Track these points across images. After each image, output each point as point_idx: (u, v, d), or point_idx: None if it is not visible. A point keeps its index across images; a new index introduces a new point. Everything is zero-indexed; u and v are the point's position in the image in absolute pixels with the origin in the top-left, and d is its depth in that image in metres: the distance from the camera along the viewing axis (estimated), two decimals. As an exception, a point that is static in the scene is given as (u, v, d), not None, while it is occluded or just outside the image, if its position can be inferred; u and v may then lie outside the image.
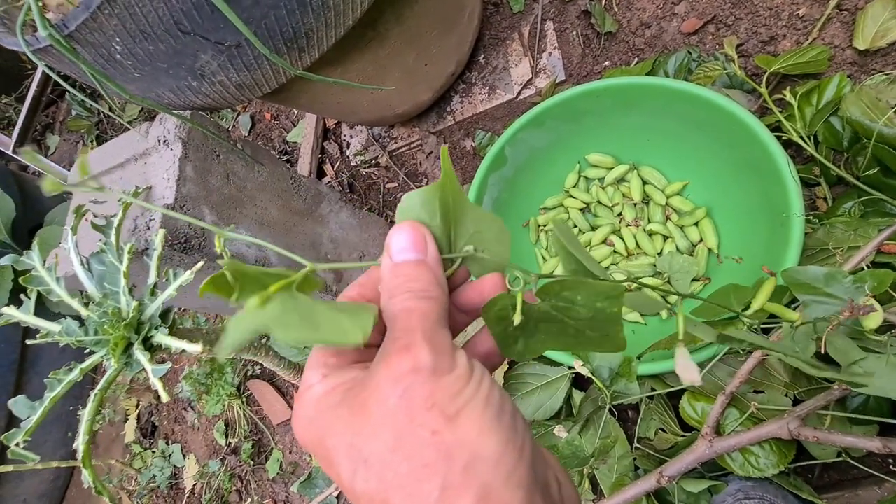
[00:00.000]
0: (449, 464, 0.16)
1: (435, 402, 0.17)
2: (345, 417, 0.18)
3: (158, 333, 0.40)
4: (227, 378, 1.02)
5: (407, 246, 0.21)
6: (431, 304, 0.20)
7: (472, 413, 0.17)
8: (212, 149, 0.57)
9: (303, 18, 0.47)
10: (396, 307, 0.20)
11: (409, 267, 0.21)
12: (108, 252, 0.43)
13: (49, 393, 0.37)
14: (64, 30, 0.43)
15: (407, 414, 0.17)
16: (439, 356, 0.18)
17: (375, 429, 0.17)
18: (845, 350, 0.38)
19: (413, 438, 0.16)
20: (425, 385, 0.17)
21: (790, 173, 0.53)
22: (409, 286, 0.20)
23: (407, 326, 0.19)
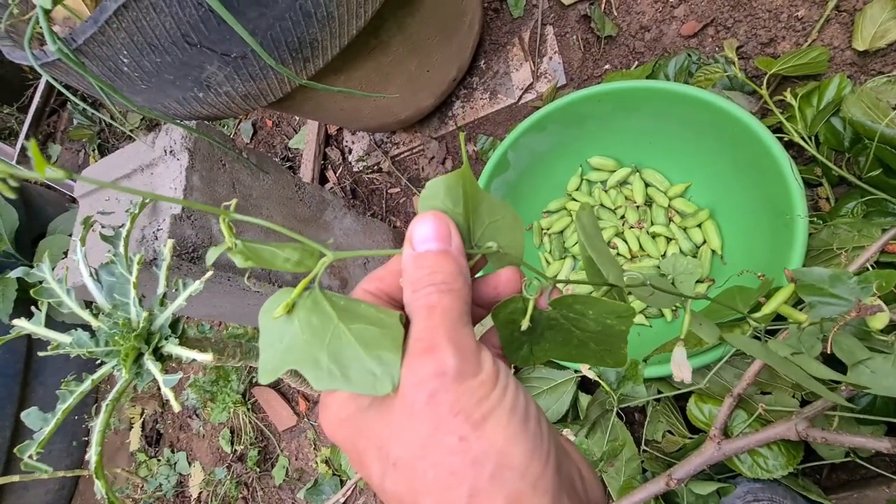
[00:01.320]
0: (476, 471, 0.16)
1: (461, 408, 0.17)
2: (374, 420, 0.18)
3: (169, 343, 0.41)
4: (232, 385, 1.02)
5: (430, 235, 0.20)
6: (454, 299, 0.19)
7: (499, 419, 0.17)
8: (217, 158, 0.57)
9: (308, 29, 0.47)
10: (419, 302, 0.19)
11: (432, 257, 0.20)
12: (117, 263, 0.43)
13: (61, 404, 0.38)
14: (72, 43, 0.43)
15: (432, 420, 0.17)
16: (464, 359, 0.18)
17: (402, 434, 0.17)
18: (851, 350, 0.38)
19: (439, 445, 0.16)
20: (450, 390, 0.17)
21: (793, 175, 0.53)
22: (432, 278, 0.19)
23: (429, 325, 0.18)
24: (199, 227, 0.52)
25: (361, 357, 0.17)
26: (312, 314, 0.18)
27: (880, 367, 0.36)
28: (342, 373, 0.17)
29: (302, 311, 0.18)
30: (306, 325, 0.18)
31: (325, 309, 0.18)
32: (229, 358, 0.50)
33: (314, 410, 0.99)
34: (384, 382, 0.17)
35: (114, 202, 0.58)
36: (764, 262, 0.59)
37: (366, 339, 0.18)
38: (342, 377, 0.16)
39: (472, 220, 0.22)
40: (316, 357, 0.17)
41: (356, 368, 0.17)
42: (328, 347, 0.17)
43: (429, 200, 0.21)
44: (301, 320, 0.18)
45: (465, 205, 0.21)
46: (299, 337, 0.17)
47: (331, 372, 0.17)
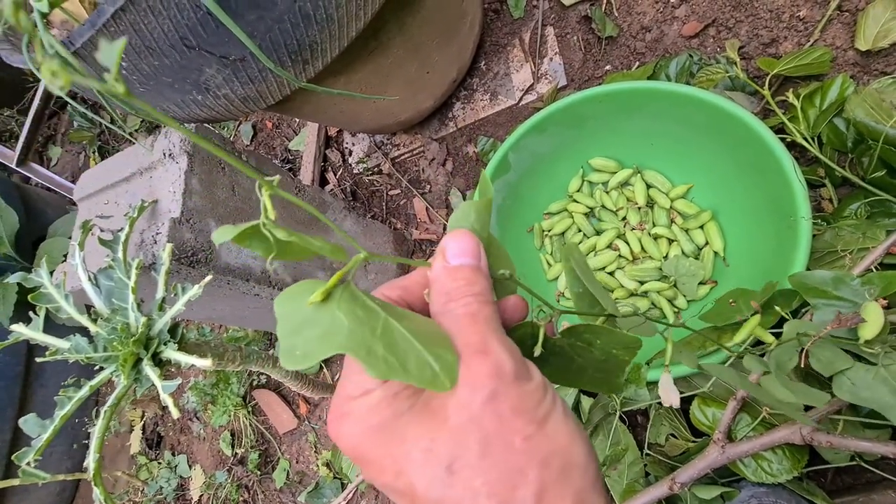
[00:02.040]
0: (544, 470, 0.16)
1: (524, 409, 0.17)
2: (416, 424, 0.17)
3: (168, 349, 0.40)
4: (232, 388, 1.02)
5: (465, 250, 0.21)
6: (493, 310, 0.20)
7: (558, 420, 0.17)
8: (217, 161, 0.57)
9: (307, 31, 0.47)
10: (460, 310, 0.19)
11: (467, 271, 0.20)
12: (116, 268, 0.43)
13: (59, 411, 0.37)
14: (70, 47, 0.43)
15: (494, 419, 0.16)
16: (518, 362, 0.18)
17: (457, 434, 0.16)
18: (830, 361, 0.38)
19: (503, 444, 0.16)
20: (511, 390, 0.17)
21: (796, 176, 0.53)
22: (470, 289, 0.20)
23: (478, 330, 0.18)
24: (197, 230, 0.51)
25: (419, 351, 0.17)
26: (355, 306, 0.18)
27: (861, 378, 0.36)
28: (400, 364, 0.16)
29: (341, 301, 0.18)
30: (350, 314, 0.17)
31: (367, 303, 0.18)
32: (229, 362, 0.50)
33: (315, 413, 0.99)
34: (444, 379, 0.16)
35: (113, 206, 0.58)
36: (767, 264, 0.59)
37: (420, 335, 0.17)
38: (400, 368, 0.16)
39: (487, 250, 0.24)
40: (369, 345, 0.16)
41: (414, 361, 0.17)
42: (381, 338, 0.17)
43: (461, 220, 0.22)
44: (343, 310, 0.18)
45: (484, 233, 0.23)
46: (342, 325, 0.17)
47: (387, 361, 0.16)
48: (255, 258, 0.59)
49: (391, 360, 0.16)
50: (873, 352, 0.39)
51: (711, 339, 0.53)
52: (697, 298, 0.69)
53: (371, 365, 0.16)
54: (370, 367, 0.16)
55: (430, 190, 0.97)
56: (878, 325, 0.37)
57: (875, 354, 0.39)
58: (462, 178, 0.94)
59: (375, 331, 0.17)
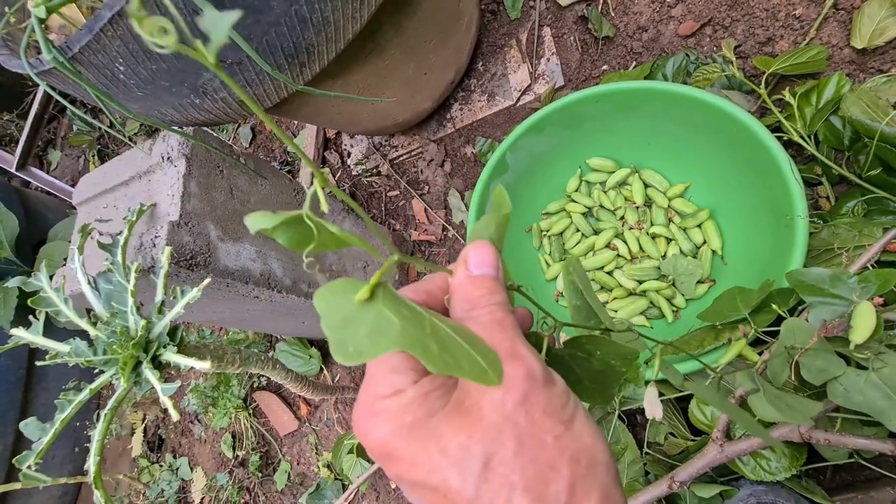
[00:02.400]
0: (574, 466, 0.18)
1: (553, 410, 0.18)
2: (451, 422, 0.18)
3: (167, 351, 0.41)
4: (233, 390, 1.02)
5: (486, 261, 0.22)
6: (514, 319, 0.21)
7: (582, 421, 0.19)
8: (215, 164, 0.57)
9: (303, 34, 0.47)
10: (486, 317, 0.20)
11: (487, 280, 0.22)
12: (115, 272, 0.43)
13: (60, 414, 0.37)
14: (67, 52, 0.43)
15: (528, 419, 0.18)
16: (543, 367, 0.19)
17: (493, 432, 0.17)
18: (822, 369, 0.39)
19: (536, 442, 0.17)
20: (541, 393, 0.18)
21: (792, 174, 0.53)
22: (493, 298, 0.21)
23: (506, 336, 0.19)
24: (196, 233, 0.52)
25: (468, 351, 0.17)
26: (399, 306, 0.18)
27: (852, 383, 0.37)
28: (455, 361, 0.17)
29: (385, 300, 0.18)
30: (397, 313, 0.18)
31: (408, 304, 0.19)
32: (228, 365, 0.50)
33: (315, 415, 0.99)
34: (492, 374, 0.17)
35: (112, 209, 0.58)
36: (765, 263, 0.59)
37: (465, 337, 0.18)
38: (455, 365, 0.17)
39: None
40: (424, 343, 0.17)
41: (466, 359, 0.17)
42: (432, 336, 0.17)
43: (481, 231, 0.24)
44: (389, 308, 0.18)
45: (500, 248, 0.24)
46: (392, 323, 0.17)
47: (443, 359, 0.17)
48: (254, 261, 0.59)
49: (446, 357, 0.17)
50: (864, 356, 0.39)
51: (710, 338, 0.53)
52: (696, 297, 0.69)
53: (429, 361, 0.17)
54: (429, 363, 0.17)
55: (429, 191, 0.97)
56: (868, 329, 0.38)
57: (866, 359, 0.39)
58: (460, 178, 0.94)
59: (425, 329, 0.18)
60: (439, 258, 0.94)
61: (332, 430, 0.96)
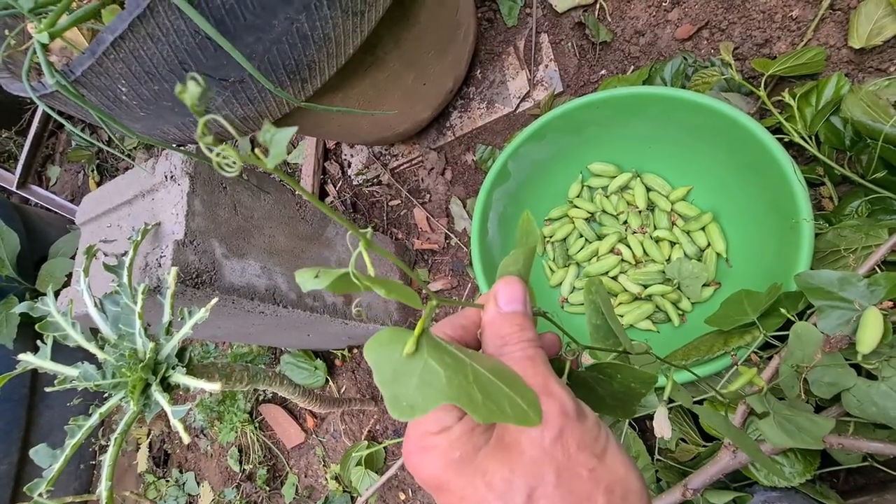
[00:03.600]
0: (609, 496, 0.19)
1: (586, 444, 0.19)
2: (494, 456, 0.20)
3: (176, 373, 0.40)
4: (238, 404, 1.02)
5: (516, 298, 0.23)
6: (544, 353, 0.22)
7: (614, 452, 0.20)
8: (218, 181, 0.57)
9: (305, 51, 0.47)
10: (517, 353, 0.22)
11: (518, 317, 0.23)
12: (122, 293, 0.43)
13: (70, 440, 0.37)
14: (70, 75, 0.43)
15: (564, 453, 0.19)
16: (575, 402, 0.21)
17: (534, 467, 0.19)
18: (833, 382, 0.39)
19: (573, 475, 0.19)
20: (575, 428, 0.20)
21: (796, 177, 0.53)
22: (524, 335, 0.22)
23: (538, 373, 0.21)
24: (201, 252, 0.51)
25: (508, 394, 0.18)
26: (443, 354, 0.19)
27: (864, 394, 0.37)
28: (498, 408, 0.18)
29: (429, 349, 0.19)
30: (441, 363, 0.19)
31: (450, 350, 0.20)
32: (237, 382, 0.50)
33: (322, 427, 0.99)
34: (534, 416, 0.18)
35: (116, 229, 0.58)
36: (770, 265, 0.59)
37: (504, 378, 0.19)
38: (499, 411, 0.18)
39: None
40: (469, 393, 0.18)
41: (507, 403, 0.18)
42: (475, 384, 0.18)
43: (510, 266, 0.25)
44: (434, 359, 0.19)
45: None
46: (438, 374, 0.18)
47: (487, 406, 0.18)
48: (259, 276, 0.59)
49: (489, 405, 0.18)
50: (873, 366, 0.39)
51: (719, 343, 0.53)
52: (702, 300, 0.69)
53: (475, 411, 0.18)
54: (475, 413, 0.17)
55: (430, 199, 0.97)
56: (875, 337, 0.38)
57: (876, 368, 0.39)
58: (461, 186, 0.94)
59: (468, 377, 0.18)
60: (442, 266, 0.94)
61: (340, 441, 0.95)
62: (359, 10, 0.48)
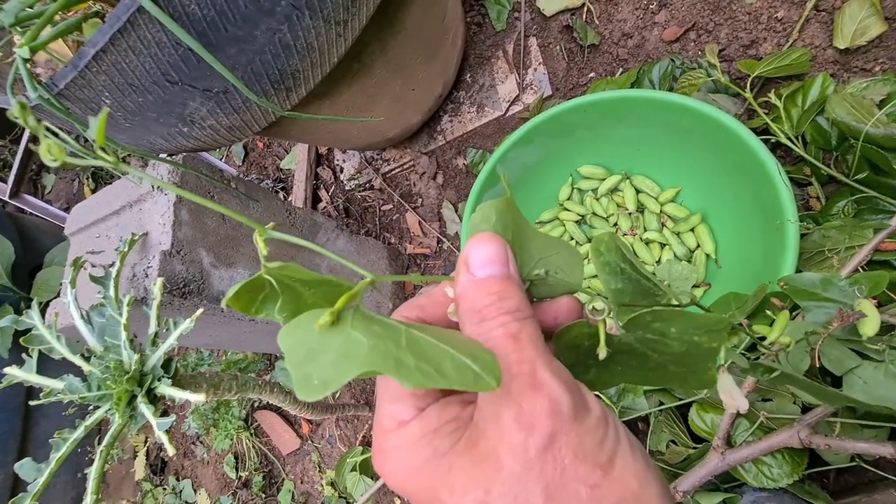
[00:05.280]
0: None
1: (586, 452, 0.15)
2: (465, 469, 0.15)
3: (161, 384, 0.40)
4: (233, 412, 1.02)
5: (491, 258, 0.18)
6: (534, 326, 0.17)
7: (625, 460, 0.15)
8: (206, 190, 0.57)
9: (288, 61, 0.48)
10: (497, 331, 0.17)
11: (497, 282, 0.18)
12: (107, 305, 0.43)
13: (55, 453, 0.37)
14: (53, 88, 0.43)
15: (556, 468, 0.15)
16: (573, 393, 0.16)
17: (515, 486, 0.14)
18: (840, 360, 0.38)
19: (568, 496, 0.14)
20: (571, 431, 0.15)
21: (781, 178, 0.53)
22: (503, 305, 0.17)
23: (522, 357, 0.16)
24: (189, 261, 0.51)
25: (454, 355, 0.15)
26: (370, 323, 0.16)
27: (871, 376, 0.36)
28: (436, 370, 0.15)
29: (354, 321, 0.16)
30: (367, 332, 0.16)
31: (383, 320, 0.17)
32: (225, 392, 0.50)
33: (318, 432, 0.99)
34: (488, 379, 0.14)
35: (104, 239, 0.58)
36: (758, 266, 0.59)
37: (449, 342, 0.16)
38: (437, 373, 0.14)
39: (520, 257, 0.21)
40: (397, 357, 0.15)
41: (451, 365, 0.15)
42: (408, 349, 0.15)
43: (481, 224, 0.20)
44: (358, 329, 0.16)
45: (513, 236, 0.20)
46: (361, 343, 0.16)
47: (421, 369, 0.14)
48: (247, 285, 0.59)
49: (425, 368, 0.15)
50: (878, 348, 0.39)
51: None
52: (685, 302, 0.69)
53: (403, 376, 0.14)
54: (403, 378, 0.14)
55: (422, 204, 0.97)
56: (877, 321, 0.37)
57: (880, 351, 0.39)
58: (453, 190, 0.95)
59: (400, 342, 0.15)
60: (435, 271, 0.94)
61: (335, 447, 0.95)
62: (341, 20, 0.48)
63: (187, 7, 0.39)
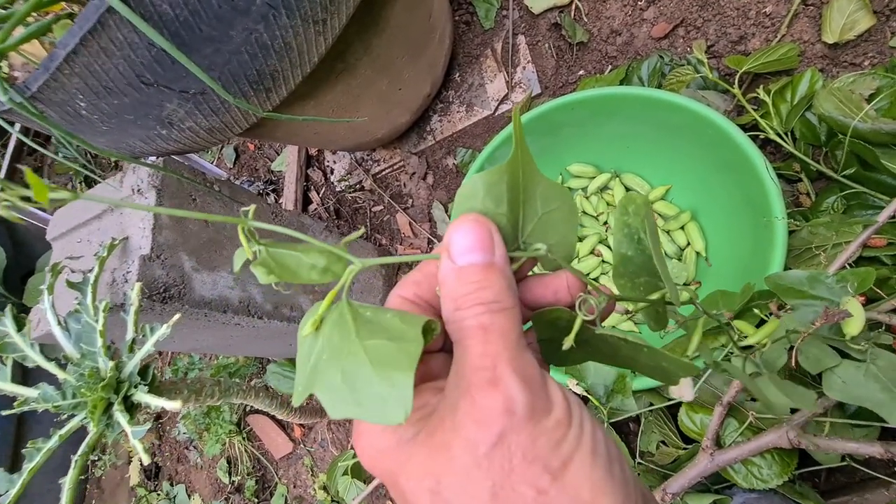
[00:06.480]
0: None
1: (537, 454, 0.14)
2: (422, 459, 0.15)
3: (138, 392, 0.40)
4: (224, 416, 1.01)
5: (472, 245, 0.18)
6: (508, 318, 0.17)
7: (581, 466, 0.15)
8: (187, 193, 0.56)
9: (266, 61, 0.47)
10: (468, 322, 0.17)
11: (477, 271, 0.17)
12: (83, 312, 0.42)
13: (28, 464, 0.36)
14: (26, 91, 0.43)
15: (503, 467, 0.14)
16: (533, 392, 0.15)
17: (463, 480, 0.14)
18: (818, 358, 0.37)
19: (514, 496, 0.14)
20: (522, 431, 0.15)
21: (768, 175, 0.53)
22: (481, 296, 0.17)
23: (487, 351, 0.16)
24: (169, 266, 0.51)
25: (372, 379, 0.15)
26: (335, 330, 0.16)
27: (851, 376, 0.35)
28: (354, 397, 0.15)
29: (328, 326, 0.17)
30: (328, 342, 0.16)
31: (347, 323, 0.17)
32: (208, 398, 0.49)
33: (310, 436, 0.98)
34: (395, 410, 0.14)
35: (85, 244, 0.57)
36: (748, 263, 0.59)
37: (379, 356, 0.15)
38: (354, 402, 0.14)
39: (524, 213, 0.20)
40: (332, 379, 0.15)
41: (367, 392, 0.15)
42: (343, 368, 0.15)
43: (467, 201, 0.19)
44: (325, 337, 0.16)
45: (514, 200, 0.19)
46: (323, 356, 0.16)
47: (343, 396, 0.15)
48: (232, 289, 0.58)
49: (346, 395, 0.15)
50: (860, 348, 0.38)
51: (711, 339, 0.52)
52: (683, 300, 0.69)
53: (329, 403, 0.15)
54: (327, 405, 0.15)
55: (413, 204, 0.96)
56: (861, 320, 0.37)
57: (863, 351, 0.38)
58: (443, 190, 0.94)
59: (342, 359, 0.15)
60: (426, 271, 0.93)
61: (327, 450, 0.95)
62: (320, 18, 0.47)
63: (159, 7, 0.39)
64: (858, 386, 0.37)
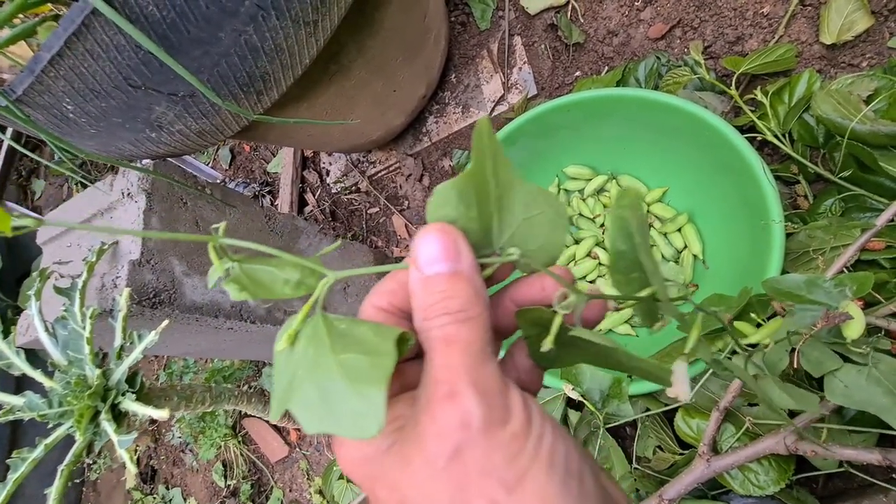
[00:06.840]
0: None
1: (492, 468, 0.14)
2: (395, 468, 0.16)
3: (126, 400, 0.39)
4: (219, 420, 1.00)
5: (437, 255, 0.18)
6: (473, 328, 0.17)
7: (536, 479, 0.15)
8: (178, 197, 0.56)
9: (256, 63, 0.46)
10: (433, 333, 0.17)
11: (443, 281, 0.17)
12: (69, 318, 0.42)
13: (12, 474, 0.36)
14: (12, 94, 0.42)
15: (458, 481, 0.14)
16: (489, 405, 0.15)
17: (423, 493, 0.15)
18: (819, 361, 0.37)
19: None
20: (477, 446, 0.15)
21: (766, 178, 0.52)
22: (447, 305, 0.17)
23: (447, 363, 0.16)
24: (159, 271, 0.50)
25: (346, 394, 0.15)
26: (310, 344, 0.16)
27: (853, 380, 0.35)
28: (328, 412, 0.15)
29: (303, 340, 0.17)
30: (303, 357, 0.16)
31: (321, 337, 0.16)
32: (198, 404, 0.49)
33: (306, 440, 0.97)
34: (369, 424, 0.14)
35: (76, 248, 0.56)
36: (745, 267, 0.58)
37: (353, 371, 0.15)
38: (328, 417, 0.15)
39: (500, 219, 0.19)
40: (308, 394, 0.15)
41: (341, 407, 0.15)
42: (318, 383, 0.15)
43: (439, 209, 0.19)
44: (300, 352, 0.16)
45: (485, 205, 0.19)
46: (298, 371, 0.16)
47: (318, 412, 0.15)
48: (223, 293, 0.57)
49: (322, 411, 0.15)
50: (862, 352, 0.38)
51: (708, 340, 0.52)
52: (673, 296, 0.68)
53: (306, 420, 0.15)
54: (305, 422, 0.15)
55: (409, 206, 0.96)
56: (862, 323, 0.36)
57: (864, 354, 0.38)
58: (440, 192, 0.93)
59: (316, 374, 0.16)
60: (423, 274, 0.93)
61: (323, 454, 0.94)
62: (310, 20, 0.47)
63: (145, 9, 0.38)
64: (861, 390, 0.36)
